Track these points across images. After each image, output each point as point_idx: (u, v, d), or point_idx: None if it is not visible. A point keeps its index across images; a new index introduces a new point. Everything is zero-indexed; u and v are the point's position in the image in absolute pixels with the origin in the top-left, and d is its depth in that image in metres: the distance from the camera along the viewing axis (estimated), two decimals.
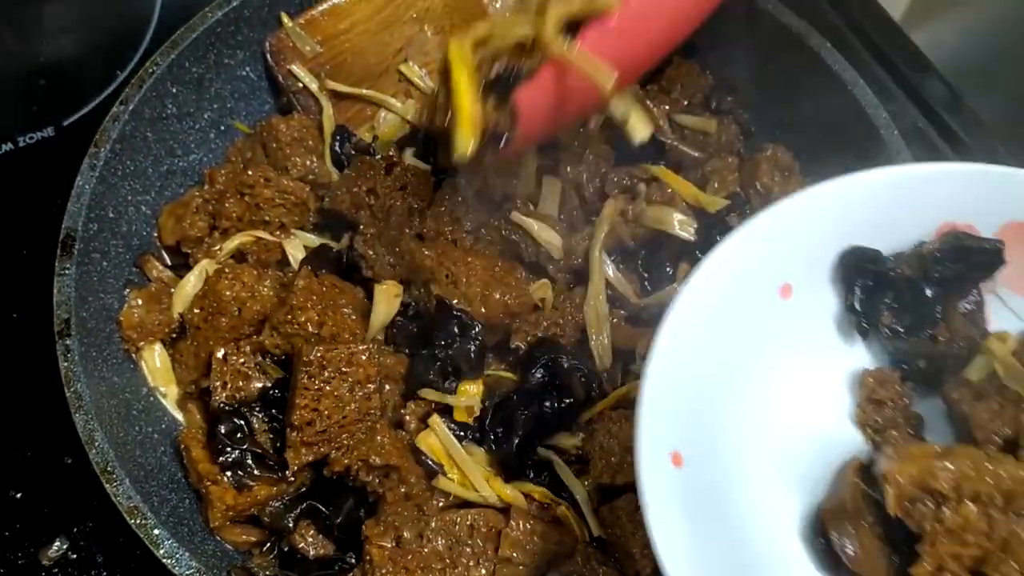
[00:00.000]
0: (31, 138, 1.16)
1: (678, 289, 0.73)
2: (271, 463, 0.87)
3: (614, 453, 0.86)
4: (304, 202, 1.02)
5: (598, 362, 0.93)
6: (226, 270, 0.93)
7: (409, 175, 0.99)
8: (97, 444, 0.82)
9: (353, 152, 1.06)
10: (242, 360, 0.90)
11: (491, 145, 0.81)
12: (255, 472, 0.87)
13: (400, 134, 1.10)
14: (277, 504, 0.89)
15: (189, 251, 0.99)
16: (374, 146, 1.09)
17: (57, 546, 0.92)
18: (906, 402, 0.77)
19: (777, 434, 0.77)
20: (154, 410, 0.93)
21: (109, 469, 0.81)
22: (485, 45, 0.81)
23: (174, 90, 1.01)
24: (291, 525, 0.88)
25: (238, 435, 0.87)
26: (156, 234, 1.01)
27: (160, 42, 1.01)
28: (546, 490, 0.87)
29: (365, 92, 1.08)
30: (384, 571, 0.82)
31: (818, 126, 1.01)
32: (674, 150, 1.05)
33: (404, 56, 1.10)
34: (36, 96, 1.19)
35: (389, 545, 0.83)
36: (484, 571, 0.83)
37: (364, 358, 0.86)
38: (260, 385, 0.90)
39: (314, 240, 1.01)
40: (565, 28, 0.79)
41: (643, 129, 0.85)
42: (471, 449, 0.89)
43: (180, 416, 0.93)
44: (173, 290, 0.96)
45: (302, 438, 0.84)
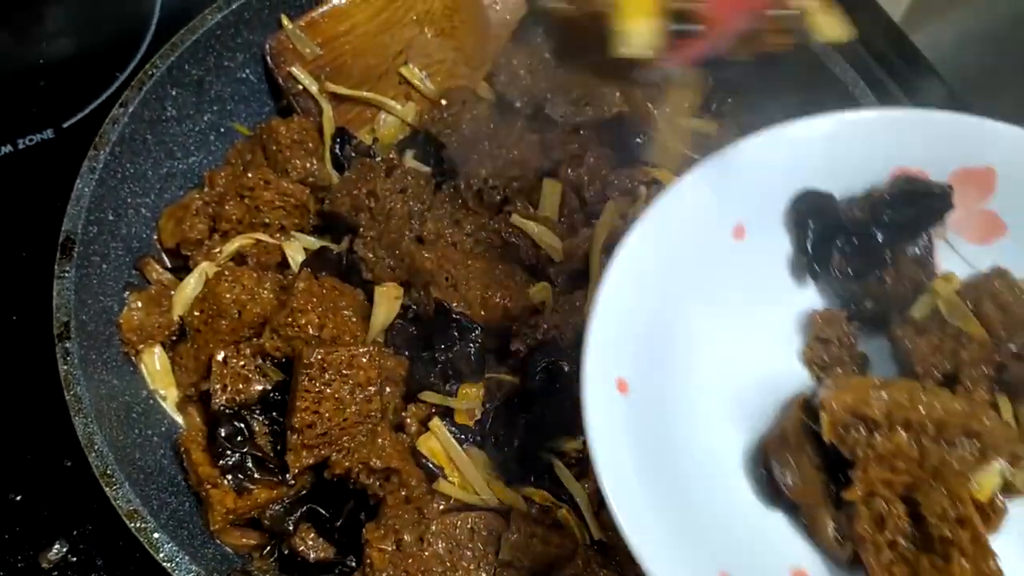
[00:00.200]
0: (31, 140, 1.15)
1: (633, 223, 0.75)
2: (271, 466, 0.87)
3: None
4: (304, 204, 1.01)
5: None
6: (226, 273, 0.93)
7: (409, 178, 0.99)
8: (97, 447, 0.82)
9: (353, 154, 1.06)
10: (242, 363, 0.90)
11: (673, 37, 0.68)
12: (255, 475, 0.87)
13: (400, 136, 1.10)
14: (277, 507, 0.89)
15: (189, 253, 0.99)
16: (374, 148, 1.09)
17: (57, 549, 0.92)
18: (852, 341, 0.78)
19: (725, 370, 0.79)
20: (154, 413, 0.93)
21: (109, 472, 0.81)
22: None
23: (174, 92, 1.01)
24: (291, 528, 0.88)
25: (238, 438, 0.87)
26: (156, 236, 1.01)
27: (160, 44, 1.00)
28: (547, 493, 0.87)
29: (365, 94, 1.08)
30: (384, 574, 0.82)
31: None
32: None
33: (404, 58, 1.10)
34: (36, 98, 1.19)
35: (389, 548, 0.83)
36: (484, 574, 0.83)
37: (365, 360, 0.86)
38: (260, 388, 0.90)
39: (314, 242, 1.01)
40: None
41: (837, 28, 0.71)
42: (472, 452, 0.89)
43: (180, 419, 0.93)
44: (173, 293, 0.96)
45: (303, 441, 0.84)
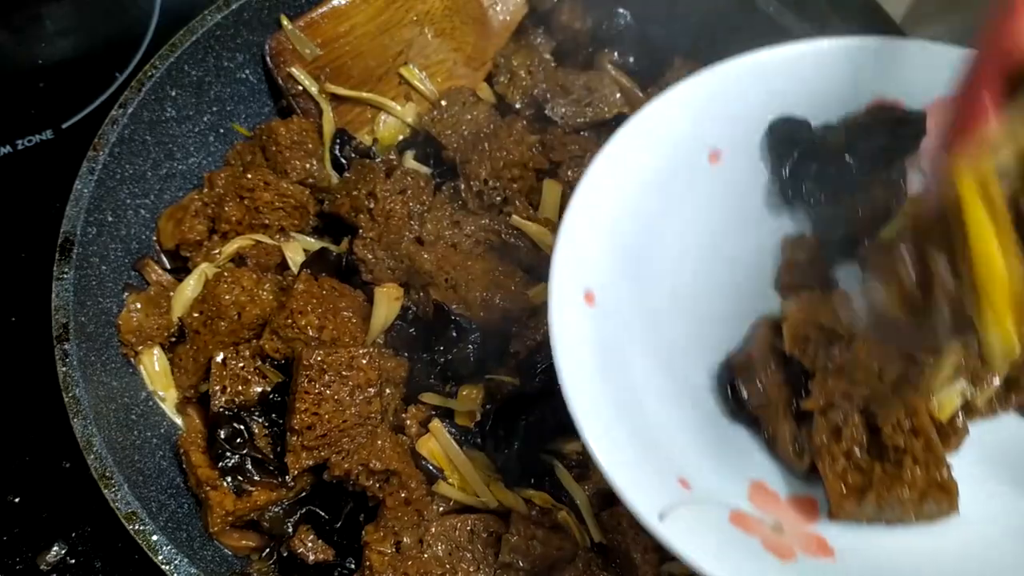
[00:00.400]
0: (30, 141, 1.15)
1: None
2: (271, 468, 0.87)
3: None
4: (304, 205, 1.01)
5: None
6: (225, 274, 0.93)
7: (409, 178, 0.99)
8: (95, 449, 0.81)
9: (353, 155, 1.06)
10: (241, 364, 0.90)
11: None
12: (255, 477, 0.86)
13: (400, 137, 1.10)
14: (277, 509, 0.89)
15: (188, 255, 0.99)
16: (374, 149, 1.09)
17: (55, 551, 0.92)
18: (823, 266, 0.78)
19: (696, 292, 0.80)
20: (153, 414, 0.92)
21: (107, 474, 0.81)
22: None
23: (173, 93, 1.01)
24: (291, 530, 0.88)
25: (238, 440, 0.87)
26: (155, 238, 1.00)
27: (159, 45, 1.00)
28: (547, 495, 0.87)
29: (365, 95, 1.08)
30: None
31: None
32: None
33: (404, 59, 1.09)
34: (35, 98, 1.18)
35: (389, 550, 0.83)
36: None
37: (364, 362, 0.86)
38: (260, 389, 0.90)
39: (314, 243, 1.01)
40: None
41: None
42: (472, 454, 0.89)
43: (179, 420, 0.93)
44: (172, 294, 0.96)
45: (302, 442, 0.84)
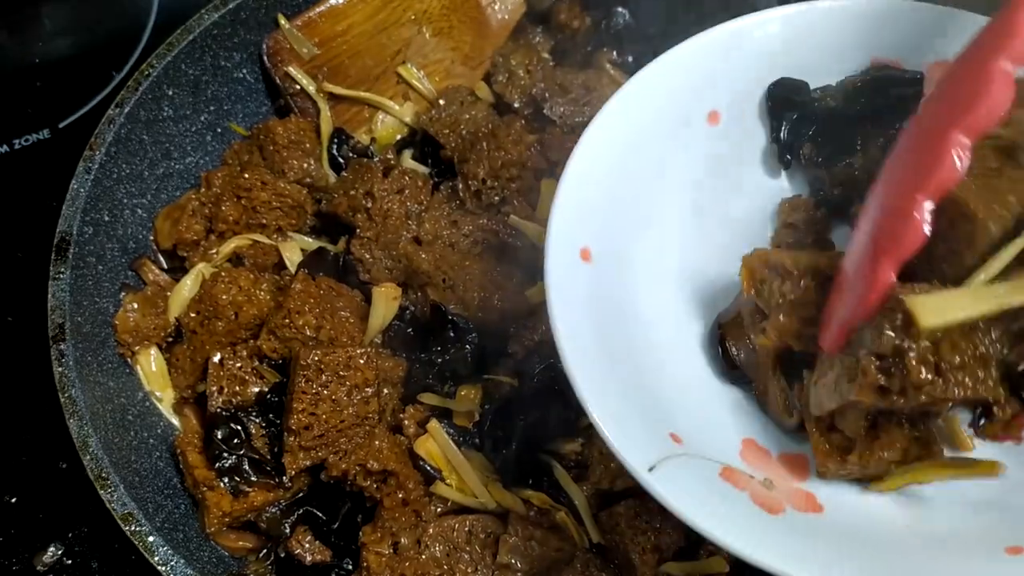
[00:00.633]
0: (27, 140, 1.15)
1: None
2: (268, 468, 0.87)
3: (613, 458, 0.85)
4: (301, 205, 1.01)
5: None
6: (222, 274, 0.92)
7: (407, 178, 0.99)
8: (91, 450, 0.81)
9: (351, 155, 1.06)
10: (239, 364, 0.89)
11: None
12: (252, 478, 0.86)
13: (398, 136, 1.10)
14: (274, 510, 0.88)
15: (185, 254, 0.98)
16: (372, 149, 1.08)
17: (52, 552, 0.92)
18: (819, 227, 0.78)
19: (693, 253, 0.81)
20: (149, 415, 0.92)
21: (103, 475, 0.80)
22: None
23: (170, 92, 1.00)
24: (288, 531, 0.88)
25: (235, 440, 0.87)
26: (152, 237, 1.00)
27: (157, 44, 1.00)
28: (545, 496, 0.86)
29: (363, 94, 1.08)
30: None
31: None
32: None
33: (402, 58, 1.09)
34: (32, 98, 1.18)
35: (386, 551, 0.83)
36: None
37: (362, 362, 0.86)
38: (257, 390, 0.89)
39: (311, 243, 1.01)
40: None
41: None
42: (470, 454, 0.88)
43: (176, 421, 0.93)
44: (169, 294, 0.95)
45: (300, 442, 0.84)
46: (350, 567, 0.86)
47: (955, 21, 0.77)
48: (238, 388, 0.89)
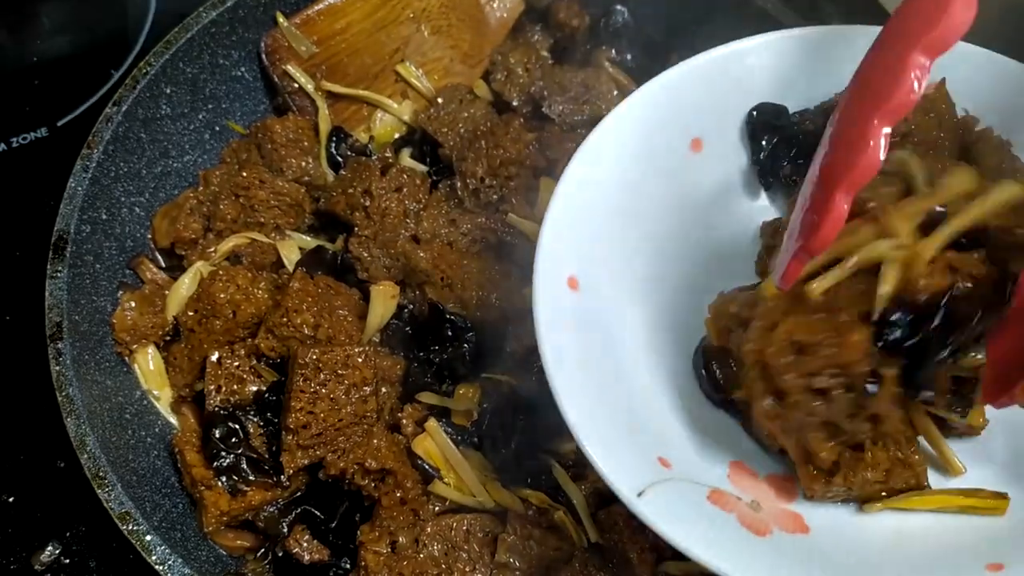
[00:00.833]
0: (24, 138, 1.15)
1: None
2: (266, 467, 0.87)
3: None
4: (299, 203, 1.01)
5: None
6: (220, 272, 0.92)
7: (405, 176, 0.98)
8: (89, 449, 0.81)
9: (349, 153, 1.06)
10: (237, 363, 0.89)
11: None
12: (250, 476, 0.86)
13: (397, 135, 1.10)
14: (272, 509, 0.88)
15: (183, 253, 0.98)
16: (370, 147, 1.08)
17: (49, 551, 0.91)
18: None
19: (679, 278, 0.82)
20: (147, 414, 0.92)
21: (101, 474, 0.80)
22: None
23: (168, 90, 1.00)
24: (286, 530, 0.88)
25: (233, 439, 0.87)
26: (150, 236, 1.00)
27: (155, 42, 1.00)
28: (543, 495, 0.86)
29: (361, 93, 1.08)
30: None
31: None
32: None
33: (401, 56, 1.09)
34: (30, 96, 1.18)
35: (384, 550, 0.83)
36: None
37: (360, 360, 0.86)
38: (255, 388, 0.89)
39: (309, 242, 1.01)
40: None
41: None
42: (468, 453, 0.88)
43: (174, 420, 0.92)
44: (167, 292, 0.95)
45: (297, 441, 0.84)
46: (348, 566, 0.86)
47: None
48: (236, 387, 0.89)
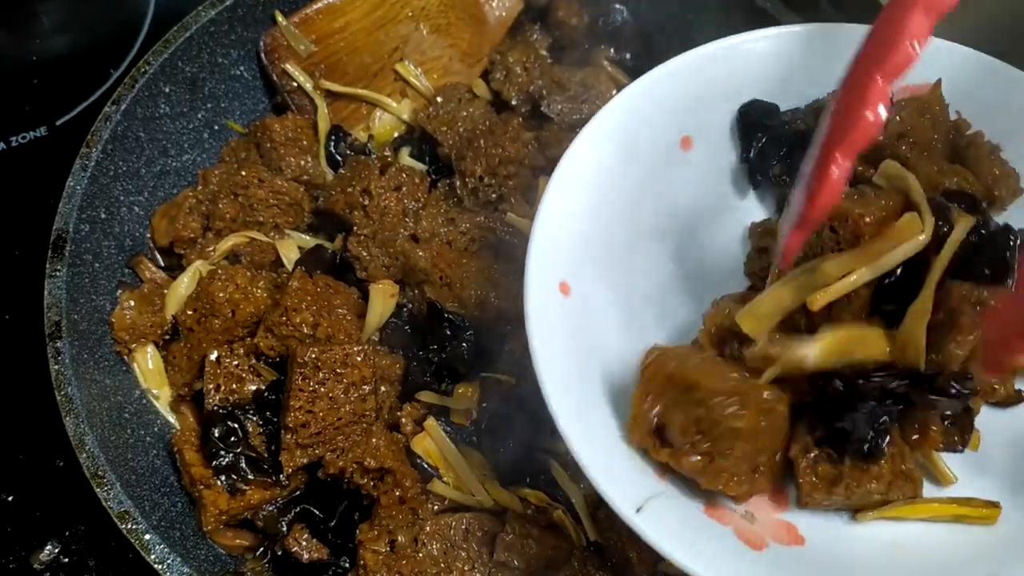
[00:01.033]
0: (24, 137, 1.15)
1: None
2: (265, 466, 0.87)
3: None
4: (298, 203, 1.01)
5: None
6: (219, 271, 0.92)
7: (404, 175, 0.98)
8: (88, 448, 0.81)
9: (348, 152, 1.06)
10: (236, 362, 0.89)
11: None
12: (249, 476, 0.86)
13: (396, 134, 1.10)
14: (271, 508, 0.88)
15: (182, 252, 0.98)
16: (369, 146, 1.08)
17: (49, 550, 0.91)
18: None
19: (669, 278, 0.81)
20: (146, 413, 0.92)
21: (100, 473, 0.80)
22: None
23: (167, 89, 1.00)
24: (285, 529, 0.88)
25: (232, 438, 0.87)
26: (149, 235, 1.00)
27: (154, 41, 1.00)
28: (542, 494, 0.86)
29: (360, 92, 1.08)
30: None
31: None
32: None
33: (400, 55, 1.09)
34: (29, 95, 1.18)
35: (383, 549, 0.83)
36: (479, 575, 0.82)
37: (359, 359, 0.86)
38: (254, 387, 0.89)
39: (308, 241, 1.01)
40: None
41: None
42: (467, 452, 0.88)
43: (173, 419, 0.92)
44: (166, 291, 0.95)
45: (297, 440, 0.84)
46: (347, 565, 0.86)
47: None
48: (235, 386, 0.89)
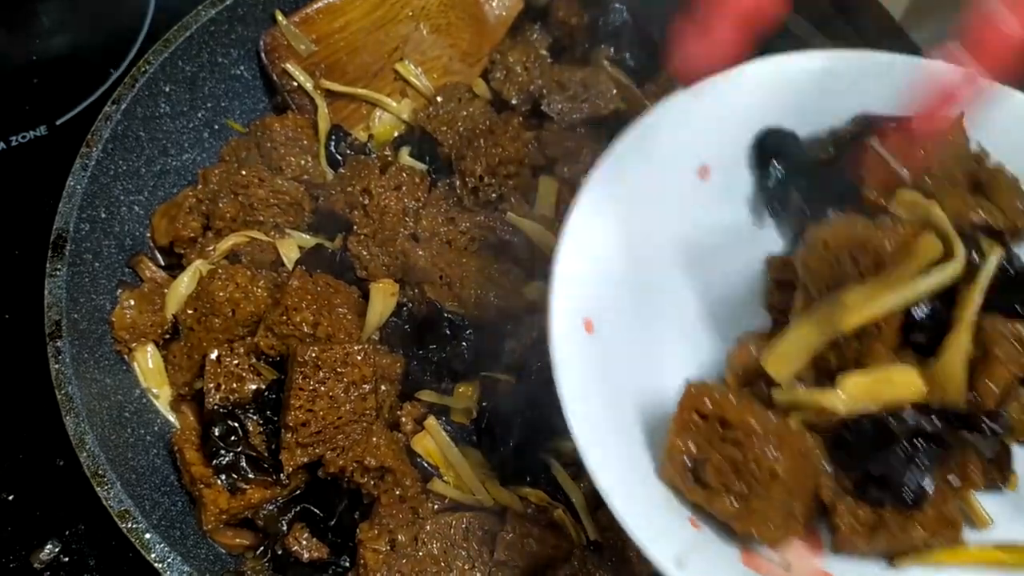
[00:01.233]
0: (24, 137, 1.15)
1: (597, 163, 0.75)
2: (265, 465, 0.87)
3: None
4: (298, 202, 1.01)
5: None
6: (219, 271, 0.92)
7: (404, 175, 0.98)
8: (88, 447, 0.81)
9: (348, 151, 1.06)
10: (236, 361, 0.89)
11: None
12: (249, 475, 0.86)
13: (396, 133, 1.10)
14: (271, 507, 0.88)
15: (182, 251, 0.98)
16: (369, 146, 1.08)
17: (49, 549, 0.91)
18: None
19: (691, 312, 0.79)
20: (146, 412, 0.92)
21: (100, 472, 0.80)
22: None
23: (167, 89, 1.00)
24: (285, 528, 0.88)
25: (232, 437, 0.87)
26: (149, 234, 1.00)
27: (154, 40, 1.00)
28: (543, 493, 0.86)
29: (360, 91, 1.08)
30: (378, 575, 0.81)
31: None
32: None
33: (400, 55, 1.09)
34: (29, 95, 1.18)
35: (383, 548, 0.83)
36: (479, 575, 0.82)
37: (360, 358, 0.86)
38: (254, 387, 0.89)
39: (308, 240, 1.01)
40: None
41: None
42: (467, 451, 0.88)
43: (173, 418, 0.92)
44: (166, 291, 0.95)
45: (297, 439, 0.84)
46: (347, 564, 0.86)
47: (939, 73, 0.76)
48: (235, 385, 0.89)
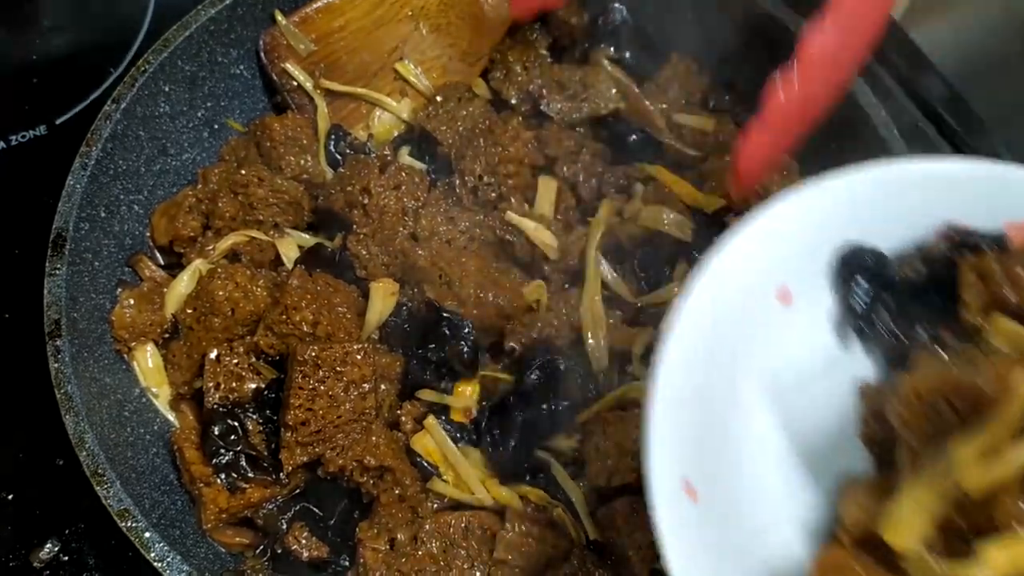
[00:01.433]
0: (23, 136, 1.15)
1: (675, 296, 0.70)
2: (265, 464, 0.87)
3: (610, 455, 0.85)
4: (298, 201, 1.01)
5: (594, 363, 0.92)
6: (219, 270, 0.92)
7: (403, 174, 0.98)
8: (87, 446, 0.81)
9: (348, 151, 1.06)
10: (235, 361, 0.89)
11: None
12: (249, 474, 0.86)
13: (395, 133, 1.10)
14: (271, 506, 0.88)
15: (182, 251, 0.98)
16: (369, 145, 1.08)
17: (48, 548, 0.91)
18: None
19: (783, 453, 0.75)
20: (146, 411, 0.92)
21: (100, 471, 0.80)
22: None
23: (167, 88, 1.00)
24: (285, 527, 0.88)
25: (232, 436, 0.87)
26: (148, 234, 1.00)
27: (153, 40, 1.00)
28: (542, 492, 0.86)
29: (360, 91, 1.08)
30: (378, 574, 0.81)
31: (817, 125, 1.01)
32: (671, 149, 1.04)
33: (399, 54, 1.09)
34: (29, 94, 1.18)
35: (383, 547, 0.83)
36: (479, 574, 0.83)
37: (359, 357, 0.86)
38: (254, 386, 0.89)
39: (308, 239, 1.01)
40: None
41: None
42: (467, 451, 0.88)
43: (172, 417, 0.92)
44: (166, 290, 0.95)
45: (296, 438, 0.84)
46: (347, 563, 0.86)
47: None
48: (235, 384, 0.89)
